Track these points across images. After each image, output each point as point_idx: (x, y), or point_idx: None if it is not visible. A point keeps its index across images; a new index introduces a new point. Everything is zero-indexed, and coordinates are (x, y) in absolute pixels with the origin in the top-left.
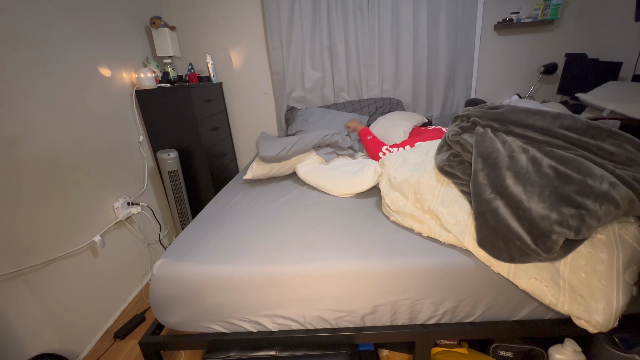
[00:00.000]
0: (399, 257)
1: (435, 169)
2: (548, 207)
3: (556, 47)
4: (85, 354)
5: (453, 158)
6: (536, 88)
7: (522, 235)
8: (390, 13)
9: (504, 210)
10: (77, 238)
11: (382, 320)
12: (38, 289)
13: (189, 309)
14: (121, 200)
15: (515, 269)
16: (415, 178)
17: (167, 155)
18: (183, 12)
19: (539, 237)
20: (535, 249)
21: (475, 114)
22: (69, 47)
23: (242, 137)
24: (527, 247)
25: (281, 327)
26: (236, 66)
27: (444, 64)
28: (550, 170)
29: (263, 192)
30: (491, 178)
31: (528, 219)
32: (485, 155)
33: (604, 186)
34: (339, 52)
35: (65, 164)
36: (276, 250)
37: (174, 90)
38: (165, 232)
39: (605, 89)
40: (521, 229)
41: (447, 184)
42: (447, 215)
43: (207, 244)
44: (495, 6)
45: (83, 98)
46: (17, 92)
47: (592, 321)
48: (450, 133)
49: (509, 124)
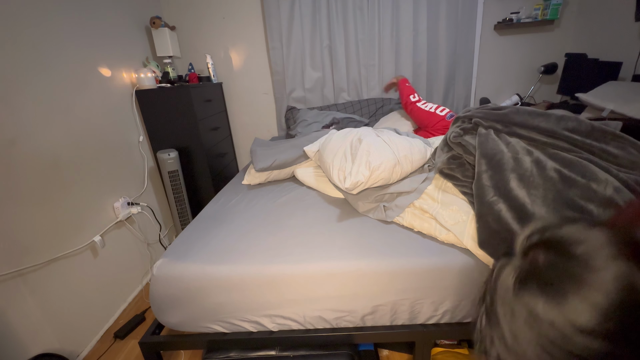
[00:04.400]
0: (399, 257)
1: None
2: (552, 212)
3: (556, 47)
4: (85, 354)
5: (453, 160)
6: (536, 88)
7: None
8: (390, 13)
9: (507, 213)
10: (77, 238)
11: (382, 320)
12: (38, 289)
13: (189, 309)
14: (121, 200)
15: None
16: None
17: (167, 155)
18: (183, 12)
19: None
20: None
21: (477, 115)
22: (68, 47)
23: (242, 137)
24: None
25: (281, 327)
26: (236, 66)
27: (444, 64)
28: (554, 173)
29: (263, 192)
30: (495, 180)
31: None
32: (489, 157)
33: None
34: (339, 52)
35: (65, 164)
36: (276, 250)
37: (174, 90)
38: (165, 232)
39: (605, 89)
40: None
41: (445, 187)
42: (447, 217)
43: (207, 244)
44: (495, 6)
45: (83, 98)
46: (17, 92)
47: None
48: (451, 134)
49: (513, 125)
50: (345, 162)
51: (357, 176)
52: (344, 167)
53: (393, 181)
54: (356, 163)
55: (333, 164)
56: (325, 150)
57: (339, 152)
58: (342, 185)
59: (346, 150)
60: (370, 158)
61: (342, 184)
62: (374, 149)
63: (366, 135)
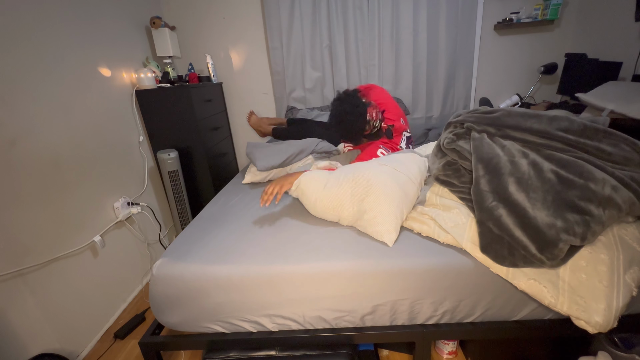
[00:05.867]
0: (399, 257)
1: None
2: (553, 214)
3: (556, 47)
4: (85, 354)
5: (448, 167)
6: (536, 88)
7: (527, 244)
8: (390, 13)
9: (507, 218)
10: (77, 238)
11: (381, 320)
12: (38, 289)
13: (188, 308)
14: (121, 200)
15: (513, 270)
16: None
17: (167, 155)
18: (183, 12)
19: (545, 245)
20: (540, 257)
21: (469, 120)
22: (69, 47)
23: (242, 137)
24: (532, 257)
25: (281, 327)
26: (236, 66)
27: (444, 64)
28: (552, 174)
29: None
30: (493, 184)
31: (534, 227)
32: (485, 161)
33: (607, 190)
34: (339, 52)
35: (65, 164)
36: (276, 250)
37: (174, 90)
38: (165, 232)
39: (605, 89)
40: (526, 238)
41: (442, 192)
42: (447, 219)
43: (207, 244)
44: (495, 6)
45: (83, 98)
46: (17, 92)
47: (591, 321)
48: (445, 140)
49: (506, 128)
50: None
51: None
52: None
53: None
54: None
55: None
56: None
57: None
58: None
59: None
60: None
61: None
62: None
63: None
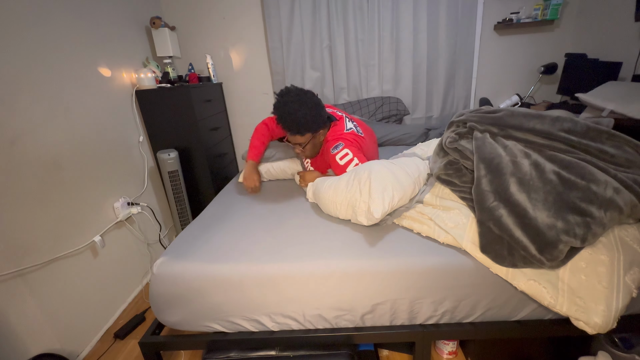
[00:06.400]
0: (399, 257)
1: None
2: (553, 215)
3: (556, 47)
4: (85, 354)
5: (449, 166)
6: (536, 88)
7: (526, 245)
8: (390, 13)
9: (508, 219)
10: (77, 238)
11: (381, 319)
12: (38, 289)
13: (189, 307)
14: (121, 200)
15: (513, 270)
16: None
17: (167, 155)
18: (183, 12)
19: (545, 246)
20: (540, 258)
21: (472, 119)
22: (69, 47)
23: (242, 137)
24: (531, 257)
25: (281, 326)
26: (236, 66)
27: (444, 64)
28: (554, 176)
29: (263, 192)
30: (494, 185)
31: (534, 228)
32: (487, 161)
33: (608, 192)
34: (339, 52)
35: (65, 164)
36: (276, 249)
37: (174, 90)
38: (165, 232)
39: (605, 89)
40: (526, 239)
41: (443, 194)
42: (447, 219)
43: (207, 243)
44: (495, 6)
45: (83, 98)
46: (18, 92)
47: (590, 322)
48: (447, 140)
49: (508, 128)
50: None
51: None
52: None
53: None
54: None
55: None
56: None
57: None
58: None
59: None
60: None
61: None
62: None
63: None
